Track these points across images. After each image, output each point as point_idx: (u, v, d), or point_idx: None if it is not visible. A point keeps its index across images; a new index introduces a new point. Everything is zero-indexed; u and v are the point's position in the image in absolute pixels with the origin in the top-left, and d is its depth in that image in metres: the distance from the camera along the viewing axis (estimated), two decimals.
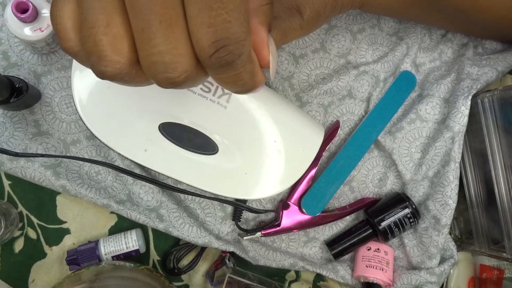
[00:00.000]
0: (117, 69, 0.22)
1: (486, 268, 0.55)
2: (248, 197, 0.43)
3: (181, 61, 0.21)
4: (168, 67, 0.21)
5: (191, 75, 0.22)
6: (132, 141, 0.40)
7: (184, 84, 0.23)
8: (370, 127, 0.52)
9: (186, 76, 0.22)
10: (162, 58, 0.21)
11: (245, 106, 0.42)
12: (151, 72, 0.22)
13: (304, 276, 0.54)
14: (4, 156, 0.47)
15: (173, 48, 0.21)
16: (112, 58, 0.21)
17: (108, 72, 0.22)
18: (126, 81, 0.23)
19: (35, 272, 0.51)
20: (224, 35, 0.20)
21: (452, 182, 0.49)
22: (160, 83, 0.22)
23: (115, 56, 0.21)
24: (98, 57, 0.21)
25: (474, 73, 0.50)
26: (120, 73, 0.22)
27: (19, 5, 0.42)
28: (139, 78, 0.23)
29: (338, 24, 0.54)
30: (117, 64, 0.21)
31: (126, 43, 0.21)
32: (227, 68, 0.22)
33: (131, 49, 0.22)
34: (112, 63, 0.21)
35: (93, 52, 0.21)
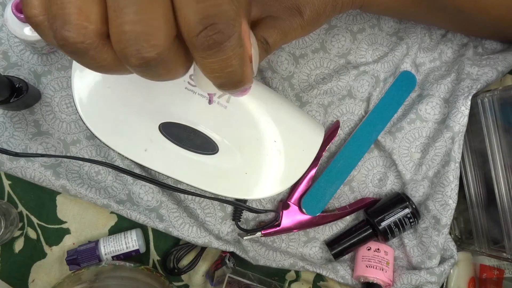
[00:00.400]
0: (82, 36, 0.20)
1: (486, 268, 0.55)
2: (248, 197, 0.43)
3: (155, 33, 0.19)
4: (139, 39, 0.19)
5: (164, 54, 0.20)
6: (132, 141, 0.40)
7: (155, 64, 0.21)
8: (370, 127, 0.52)
9: (158, 54, 0.20)
10: (133, 27, 0.19)
11: (245, 106, 0.42)
12: (120, 44, 0.20)
13: (304, 276, 0.54)
14: (4, 156, 0.47)
15: (148, 19, 0.19)
16: (78, 22, 0.19)
17: (71, 38, 0.20)
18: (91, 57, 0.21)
19: (35, 272, 0.51)
20: (213, 13, 0.19)
21: (452, 182, 0.49)
22: (128, 58, 0.20)
23: (82, 21, 0.19)
24: (63, 20, 0.19)
25: (474, 73, 0.50)
26: (84, 41, 0.20)
27: (19, 5, 0.42)
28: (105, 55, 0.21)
29: (338, 24, 0.54)
30: (82, 29, 0.20)
31: (96, 9, 0.20)
32: (215, 49, 0.20)
33: (101, 18, 0.20)
34: (77, 28, 0.19)
35: (58, 15, 0.19)
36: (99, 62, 0.21)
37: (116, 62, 0.22)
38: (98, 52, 0.21)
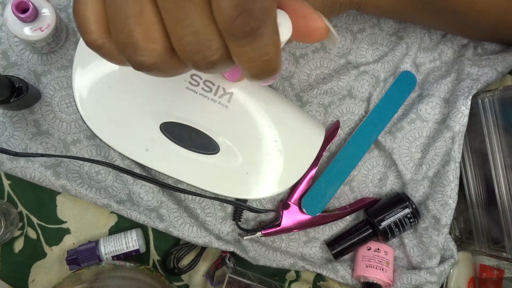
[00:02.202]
0: (154, 57, 0.22)
1: (486, 268, 0.55)
2: (248, 197, 0.43)
3: (214, 38, 0.21)
4: (203, 46, 0.21)
5: (225, 54, 0.22)
6: (133, 141, 0.40)
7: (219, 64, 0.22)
8: (370, 127, 0.52)
9: (221, 54, 0.22)
10: (196, 37, 0.21)
11: (246, 106, 0.42)
12: (187, 54, 0.22)
13: (304, 276, 0.54)
14: (4, 156, 0.47)
15: (204, 26, 0.21)
16: (148, 46, 0.21)
17: (146, 61, 0.22)
18: (162, 71, 0.23)
19: (35, 272, 0.51)
20: None
21: (452, 182, 0.49)
22: (198, 64, 0.22)
23: (151, 44, 0.21)
24: (134, 47, 0.21)
25: (474, 73, 0.50)
26: (157, 61, 0.22)
27: (19, 5, 0.42)
28: (175, 65, 0.23)
29: (338, 24, 0.54)
30: (153, 52, 0.21)
31: (159, 30, 0.21)
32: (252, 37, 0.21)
33: (165, 36, 0.22)
34: (148, 52, 0.21)
35: (128, 44, 0.21)
36: (169, 71, 0.23)
37: (182, 67, 0.24)
38: (168, 65, 0.23)
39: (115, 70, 0.39)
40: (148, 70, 0.23)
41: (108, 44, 0.23)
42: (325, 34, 0.28)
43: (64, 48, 0.49)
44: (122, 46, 0.22)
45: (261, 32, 0.21)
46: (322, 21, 0.28)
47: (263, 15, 0.20)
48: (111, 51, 0.23)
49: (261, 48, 0.22)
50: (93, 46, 0.23)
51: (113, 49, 0.23)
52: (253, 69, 0.23)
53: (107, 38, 0.23)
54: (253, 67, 0.23)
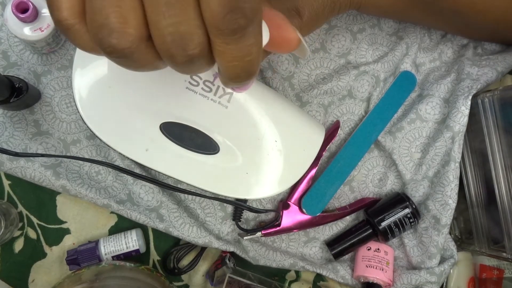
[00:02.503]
0: (128, 42, 0.21)
1: (486, 268, 0.55)
2: (248, 197, 0.43)
3: (196, 32, 0.21)
4: (183, 38, 0.21)
5: (205, 50, 0.22)
6: (133, 141, 0.40)
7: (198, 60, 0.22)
8: (370, 127, 0.52)
9: (201, 50, 0.21)
10: (178, 28, 0.20)
11: (246, 106, 0.42)
12: (166, 45, 0.21)
13: (304, 276, 0.54)
14: (4, 156, 0.47)
15: (188, 19, 0.20)
16: (124, 30, 0.21)
17: (118, 45, 0.21)
18: (135, 60, 0.22)
19: (35, 272, 0.51)
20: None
21: (452, 182, 0.49)
22: (174, 57, 0.22)
23: (127, 28, 0.21)
24: (109, 29, 0.21)
25: (474, 73, 0.50)
26: (130, 47, 0.21)
27: (19, 5, 0.42)
28: (149, 57, 0.22)
29: (338, 24, 0.54)
30: (129, 36, 0.21)
31: (138, 16, 0.21)
32: (239, 35, 0.21)
33: (143, 23, 0.21)
34: (123, 36, 0.21)
35: (103, 25, 0.21)
36: (141, 62, 0.23)
37: (157, 60, 0.23)
38: (142, 54, 0.22)
39: (115, 70, 0.39)
40: (119, 56, 0.22)
41: (78, 26, 0.22)
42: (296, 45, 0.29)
43: (64, 48, 0.49)
44: (97, 27, 0.21)
45: (248, 31, 0.21)
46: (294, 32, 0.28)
47: (252, 14, 0.20)
48: (79, 33, 0.23)
49: (245, 48, 0.22)
50: (62, 25, 0.22)
51: (81, 32, 0.22)
52: (234, 69, 0.23)
53: (78, 18, 0.22)
54: (234, 67, 0.23)
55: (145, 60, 0.23)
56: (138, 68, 0.23)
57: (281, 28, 0.28)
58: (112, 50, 0.21)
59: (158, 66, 0.24)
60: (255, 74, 0.24)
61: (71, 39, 0.23)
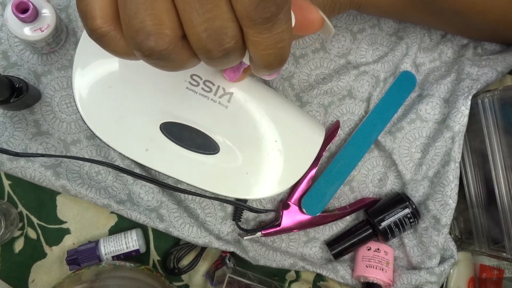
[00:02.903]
0: (166, 43, 0.22)
1: (486, 268, 0.55)
2: (248, 197, 0.43)
3: (230, 25, 0.21)
4: (218, 33, 0.21)
5: (239, 42, 0.22)
6: (133, 141, 0.40)
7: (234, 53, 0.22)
8: (370, 127, 0.52)
9: (236, 42, 0.22)
10: (212, 24, 0.21)
11: (246, 106, 0.42)
12: (202, 41, 0.21)
13: (304, 276, 0.54)
14: (4, 156, 0.47)
15: (221, 13, 0.21)
16: (160, 31, 0.21)
17: (157, 47, 0.22)
18: (172, 60, 0.23)
19: (35, 272, 0.51)
20: None
21: (452, 182, 0.49)
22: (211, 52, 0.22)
23: (164, 29, 0.21)
24: (147, 32, 0.21)
25: (474, 73, 0.50)
26: (168, 47, 0.22)
27: (19, 5, 0.42)
28: (185, 54, 0.23)
29: (338, 24, 0.54)
30: (166, 37, 0.21)
31: (172, 16, 0.21)
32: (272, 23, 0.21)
33: (177, 23, 0.22)
34: (161, 37, 0.21)
35: (140, 29, 0.21)
36: (178, 62, 0.23)
37: (192, 58, 0.23)
38: (178, 53, 0.23)
39: (115, 70, 0.39)
40: (158, 58, 0.22)
41: (113, 32, 0.23)
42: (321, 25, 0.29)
43: (64, 48, 0.50)
44: (134, 31, 0.21)
45: (279, 18, 0.21)
46: (317, 12, 0.29)
47: (282, 1, 0.21)
48: (115, 40, 0.23)
49: (278, 35, 0.22)
50: (97, 33, 0.23)
51: (117, 38, 0.23)
52: (268, 57, 0.23)
53: (112, 25, 0.23)
54: (268, 55, 0.23)
55: (182, 59, 0.23)
56: (175, 68, 0.24)
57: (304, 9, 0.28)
58: (150, 52, 0.22)
59: (194, 64, 0.24)
60: (286, 59, 0.24)
61: (106, 46, 0.24)
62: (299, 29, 0.29)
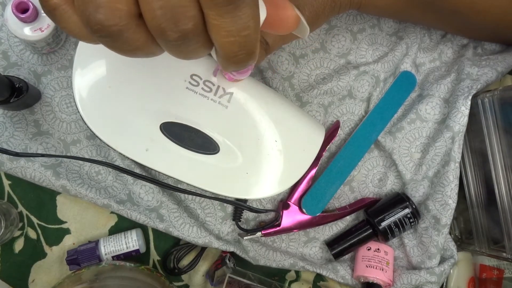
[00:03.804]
0: (117, 19, 0.20)
1: (486, 268, 0.55)
2: (248, 197, 0.43)
3: (188, 4, 0.19)
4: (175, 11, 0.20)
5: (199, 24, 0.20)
6: (133, 141, 0.40)
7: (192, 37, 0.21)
8: (370, 127, 0.52)
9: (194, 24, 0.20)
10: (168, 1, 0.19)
11: (246, 106, 0.42)
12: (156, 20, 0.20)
13: (304, 276, 0.54)
14: (4, 156, 0.47)
15: None
16: (111, 5, 0.20)
17: (107, 21, 0.20)
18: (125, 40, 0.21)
19: (35, 272, 0.51)
20: None
21: (452, 182, 0.49)
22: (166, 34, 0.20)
23: (115, 3, 0.20)
24: (96, 4, 0.20)
25: (474, 74, 0.50)
26: (119, 23, 0.20)
27: (19, 5, 0.42)
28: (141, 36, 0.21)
29: (338, 24, 0.54)
30: (117, 12, 0.20)
31: None
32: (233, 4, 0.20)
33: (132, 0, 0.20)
34: (110, 10, 0.20)
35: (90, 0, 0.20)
36: (133, 44, 0.22)
37: (149, 41, 0.22)
38: (131, 33, 0.21)
39: (115, 70, 0.39)
40: (108, 35, 0.21)
41: (65, 6, 0.21)
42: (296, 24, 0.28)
43: (64, 48, 0.50)
44: (83, 3, 0.20)
45: (243, 1, 0.20)
46: (292, 10, 0.27)
47: None
48: (67, 14, 0.22)
49: (241, 20, 0.20)
50: (48, 6, 0.22)
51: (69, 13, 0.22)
52: (231, 46, 0.21)
53: None
54: (231, 43, 0.21)
55: (137, 41, 0.21)
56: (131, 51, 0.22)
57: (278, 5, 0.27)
58: (99, 27, 0.20)
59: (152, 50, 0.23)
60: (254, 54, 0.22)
61: (58, 21, 0.22)
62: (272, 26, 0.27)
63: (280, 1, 0.27)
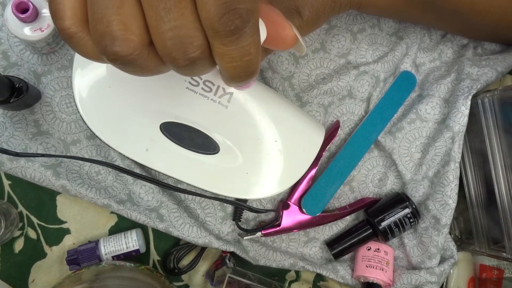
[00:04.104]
0: (131, 49, 0.21)
1: (486, 268, 0.55)
2: (248, 197, 0.43)
3: (195, 34, 0.21)
4: (184, 41, 0.21)
5: (205, 52, 0.22)
6: (133, 141, 0.40)
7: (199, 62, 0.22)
8: (370, 127, 0.52)
9: (202, 52, 0.22)
10: (178, 32, 0.21)
11: (246, 106, 0.42)
12: (167, 49, 0.21)
13: (304, 276, 0.54)
14: (4, 156, 0.47)
15: (187, 22, 0.21)
16: (125, 37, 0.21)
17: (122, 52, 0.21)
18: (138, 66, 0.23)
19: (35, 272, 0.51)
20: None
21: (452, 182, 0.49)
22: (176, 61, 0.22)
23: (129, 35, 0.21)
24: (112, 37, 0.21)
25: (474, 73, 0.50)
26: (133, 53, 0.22)
27: (19, 5, 0.42)
28: (152, 61, 0.23)
29: (338, 24, 0.54)
30: (131, 43, 0.21)
31: (138, 22, 0.21)
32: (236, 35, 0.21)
33: (144, 29, 0.22)
34: (126, 43, 0.21)
35: (106, 33, 0.21)
36: (146, 68, 0.23)
37: (160, 65, 0.23)
38: (145, 60, 0.23)
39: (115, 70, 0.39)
40: (123, 63, 0.22)
41: (81, 34, 0.23)
42: (293, 42, 0.29)
43: (64, 48, 0.50)
44: (99, 35, 0.21)
45: (245, 31, 0.21)
46: (291, 29, 0.28)
47: (249, 15, 0.21)
48: (83, 41, 0.23)
49: (244, 48, 0.22)
50: (65, 34, 0.23)
51: (85, 40, 0.23)
52: (234, 70, 0.23)
53: (81, 27, 0.23)
54: (234, 68, 0.23)
55: (149, 66, 0.23)
56: (143, 73, 0.24)
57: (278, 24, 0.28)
58: (115, 57, 0.22)
59: (162, 71, 0.24)
60: (255, 73, 0.24)
61: (74, 47, 0.24)
62: (271, 44, 0.29)
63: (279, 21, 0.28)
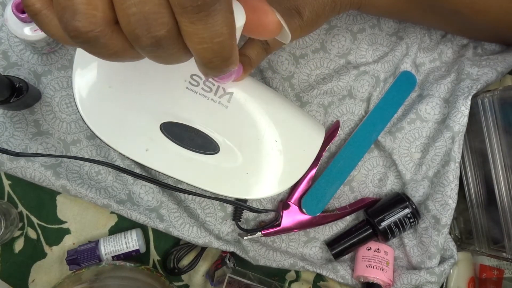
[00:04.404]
0: (93, 25, 0.20)
1: (486, 268, 0.55)
2: (248, 197, 0.43)
3: (160, 11, 0.20)
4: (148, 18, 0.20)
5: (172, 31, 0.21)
6: (133, 141, 0.40)
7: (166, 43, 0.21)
8: (370, 127, 0.52)
9: (168, 31, 0.20)
10: (142, 8, 0.20)
11: (246, 106, 0.42)
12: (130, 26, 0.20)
13: (304, 276, 0.54)
14: (4, 156, 0.47)
15: None
16: (87, 11, 0.20)
17: (83, 27, 0.20)
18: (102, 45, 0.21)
19: (35, 272, 0.51)
20: None
21: (452, 182, 0.49)
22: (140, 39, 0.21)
23: (91, 10, 0.20)
24: (73, 11, 0.20)
25: (474, 74, 0.50)
26: (95, 29, 0.20)
27: (19, 5, 0.42)
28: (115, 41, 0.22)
29: (338, 24, 0.54)
30: (93, 18, 0.20)
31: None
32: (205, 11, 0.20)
33: (108, 5, 0.20)
34: (87, 17, 0.20)
35: (67, 6, 0.20)
36: (110, 49, 0.22)
37: (126, 47, 0.22)
38: (108, 39, 0.21)
39: (115, 70, 0.39)
40: (85, 41, 0.21)
41: (46, 11, 0.22)
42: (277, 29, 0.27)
43: (64, 48, 0.50)
44: (61, 9, 0.20)
45: (215, 8, 0.20)
46: (273, 15, 0.27)
47: None
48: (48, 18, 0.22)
49: (214, 27, 0.21)
50: (31, 10, 0.22)
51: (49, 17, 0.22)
52: (205, 52, 0.22)
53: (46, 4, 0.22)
54: (205, 50, 0.21)
55: (114, 46, 0.22)
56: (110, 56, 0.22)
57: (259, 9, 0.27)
58: (76, 34, 0.21)
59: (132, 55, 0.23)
60: (229, 59, 0.23)
61: (40, 25, 0.23)
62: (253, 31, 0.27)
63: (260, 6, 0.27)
